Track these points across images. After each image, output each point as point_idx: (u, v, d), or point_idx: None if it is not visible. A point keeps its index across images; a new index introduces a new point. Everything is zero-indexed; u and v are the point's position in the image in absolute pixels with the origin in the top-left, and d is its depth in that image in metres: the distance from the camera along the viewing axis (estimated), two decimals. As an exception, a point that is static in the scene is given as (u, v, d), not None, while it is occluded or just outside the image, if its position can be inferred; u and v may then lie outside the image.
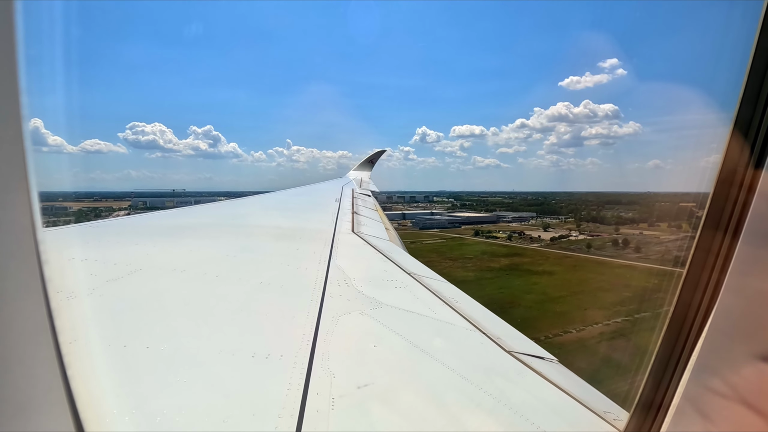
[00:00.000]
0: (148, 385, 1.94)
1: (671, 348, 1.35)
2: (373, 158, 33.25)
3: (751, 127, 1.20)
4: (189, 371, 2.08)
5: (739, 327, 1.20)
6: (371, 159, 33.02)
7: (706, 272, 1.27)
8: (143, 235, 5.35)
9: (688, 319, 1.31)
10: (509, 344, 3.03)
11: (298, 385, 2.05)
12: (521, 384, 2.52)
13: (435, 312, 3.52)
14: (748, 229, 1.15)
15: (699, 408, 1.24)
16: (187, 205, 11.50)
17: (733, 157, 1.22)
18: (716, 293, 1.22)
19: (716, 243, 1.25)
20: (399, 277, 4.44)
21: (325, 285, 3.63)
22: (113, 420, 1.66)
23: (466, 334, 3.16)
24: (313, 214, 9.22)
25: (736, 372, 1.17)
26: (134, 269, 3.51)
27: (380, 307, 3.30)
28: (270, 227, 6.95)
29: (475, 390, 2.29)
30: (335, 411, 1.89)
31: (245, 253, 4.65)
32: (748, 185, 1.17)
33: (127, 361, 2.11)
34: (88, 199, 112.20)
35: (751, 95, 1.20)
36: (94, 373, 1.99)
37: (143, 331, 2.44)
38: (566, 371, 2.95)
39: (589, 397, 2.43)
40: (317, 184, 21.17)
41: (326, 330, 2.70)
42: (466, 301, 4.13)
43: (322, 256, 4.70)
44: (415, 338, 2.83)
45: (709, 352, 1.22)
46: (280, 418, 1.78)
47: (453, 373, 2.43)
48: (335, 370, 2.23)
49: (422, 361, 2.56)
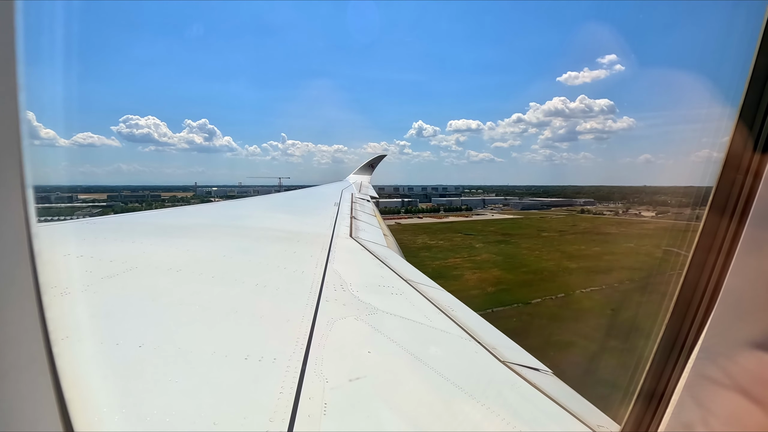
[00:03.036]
0: (140, 385, 1.92)
1: (675, 336, 1.35)
2: (374, 162, 33.35)
3: (757, 114, 1.22)
4: (181, 371, 2.06)
5: (743, 316, 1.20)
6: (371, 163, 33.12)
7: (711, 258, 1.27)
8: (140, 233, 5.33)
9: (691, 307, 1.31)
10: (504, 354, 3.02)
11: (290, 389, 2.03)
12: (515, 395, 2.50)
13: (430, 319, 3.50)
14: (755, 213, 1.16)
15: (702, 395, 1.24)
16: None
17: (739, 143, 1.24)
18: (721, 279, 1.23)
19: (722, 228, 1.26)
20: (395, 283, 4.43)
21: (321, 289, 3.62)
22: (102, 419, 1.65)
23: (461, 343, 3.15)
24: (312, 217, 9.21)
25: (739, 360, 1.17)
26: (130, 267, 3.49)
27: (376, 313, 3.29)
28: (268, 229, 6.94)
29: (469, 399, 2.28)
30: (327, 416, 1.88)
31: (242, 255, 4.64)
32: (755, 171, 1.19)
33: (119, 359, 2.10)
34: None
35: (758, 84, 1.22)
36: (85, 372, 1.97)
37: (137, 330, 2.42)
38: (560, 383, 2.94)
39: (583, 410, 2.42)
40: (317, 188, 21.19)
41: (321, 334, 2.69)
42: (461, 309, 4.13)
43: (319, 260, 4.69)
44: (410, 345, 2.82)
45: (713, 338, 1.22)
46: (271, 422, 1.77)
47: (446, 381, 2.42)
48: (328, 375, 2.21)
49: (416, 368, 2.54)
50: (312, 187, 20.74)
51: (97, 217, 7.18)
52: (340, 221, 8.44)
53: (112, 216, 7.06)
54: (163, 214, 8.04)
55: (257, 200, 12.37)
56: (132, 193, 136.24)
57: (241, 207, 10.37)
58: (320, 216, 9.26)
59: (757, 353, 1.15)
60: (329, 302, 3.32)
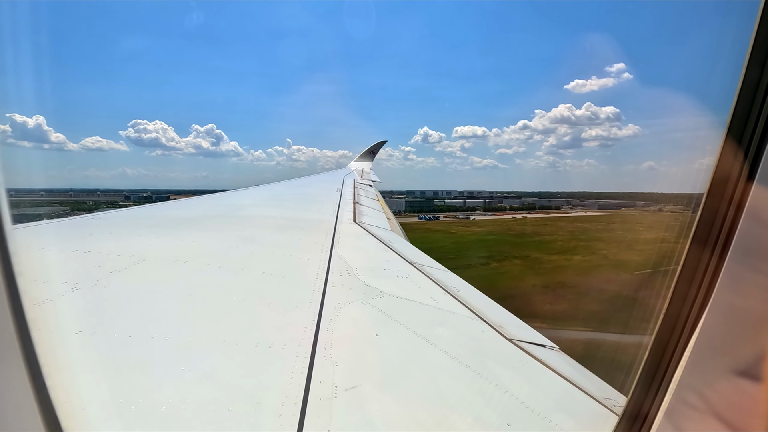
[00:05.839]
0: (155, 375, 1.97)
1: (658, 360, 1.35)
2: (374, 149, 33.05)
3: (742, 141, 1.18)
4: (193, 361, 2.10)
5: (724, 344, 1.20)
6: (372, 150, 32.83)
7: (693, 288, 1.26)
8: (145, 226, 5.37)
9: (674, 333, 1.31)
10: (510, 332, 3.05)
11: (301, 373, 2.07)
12: (522, 371, 2.54)
13: (436, 301, 3.53)
14: (736, 247, 1.14)
15: (683, 420, 1.25)
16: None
17: (723, 172, 1.20)
18: (702, 308, 1.22)
19: (704, 260, 1.24)
20: (400, 266, 4.45)
21: (327, 275, 3.65)
22: (121, 408, 1.69)
23: (467, 323, 3.19)
24: (315, 204, 9.22)
25: (720, 386, 1.18)
26: (137, 260, 3.53)
27: (382, 297, 3.32)
28: (272, 218, 6.96)
29: (476, 377, 2.32)
30: (338, 399, 1.92)
31: (248, 244, 4.66)
32: (738, 201, 1.16)
33: (133, 351, 2.14)
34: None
35: (745, 106, 1.18)
36: (102, 364, 2.02)
37: (148, 322, 2.47)
38: (567, 358, 2.97)
39: (590, 384, 2.46)
40: (319, 175, 21.12)
41: (329, 319, 2.73)
42: (467, 289, 4.15)
43: (324, 246, 4.72)
44: (417, 327, 2.85)
45: (694, 366, 1.22)
46: (283, 407, 1.81)
47: (454, 361, 2.46)
48: (338, 359, 2.25)
49: (424, 349, 2.58)
50: (314, 175, 20.67)
51: (102, 212, 7.23)
52: (343, 207, 8.44)
53: (117, 210, 7.10)
54: (168, 206, 8.08)
55: (260, 189, 12.37)
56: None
57: (244, 196, 10.39)
58: (323, 203, 9.26)
59: (735, 381, 1.15)
60: (336, 287, 3.35)
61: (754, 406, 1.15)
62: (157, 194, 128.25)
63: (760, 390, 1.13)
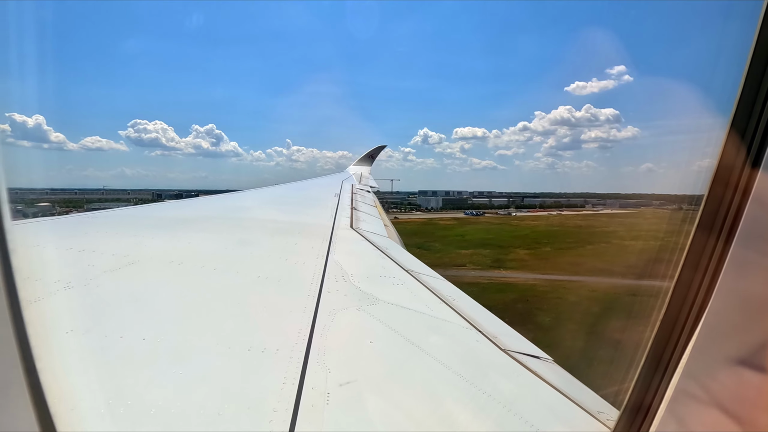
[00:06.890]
0: (145, 377, 1.95)
1: (661, 350, 1.35)
2: (373, 153, 33.13)
3: (747, 129, 1.20)
4: (184, 364, 2.08)
5: (729, 332, 1.20)
6: (371, 154, 32.91)
7: (699, 275, 1.27)
8: (141, 227, 5.35)
9: (679, 321, 1.31)
10: (505, 343, 3.04)
11: (293, 379, 2.05)
12: (516, 382, 2.53)
13: (432, 309, 3.53)
14: (742, 233, 1.15)
15: (686, 410, 1.25)
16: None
17: (728, 159, 1.22)
18: (708, 295, 1.22)
19: (709, 246, 1.25)
20: (397, 273, 4.44)
21: (322, 280, 3.63)
22: (109, 410, 1.67)
23: (462, 332, 3.18)
24: (312, 209, 9.21)
25: (725, 376, 1.18)
26: (131, 261, 3.51)
27: (377, 304, 3.31)
28: (269, 221, 6.94)
29: (470, 387, 2.30)
30: (330, 406, 1.90)
31: (243, 247, 4.65)
32: (743, 188, 1.17)
33: (123, 352, 2.12)
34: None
35: (749, 96, 1.20)
36: (91, 364, 2.00)
37: (140, 323, 2.44)
38: (561, 371, 2.96)
39: (583, 397, 2.45)
40: (317, 179, 21.13)
41: (323, 325, 2.71)
42: (463, 299, 4.14)
43: (320, 252, 4.71)
44: (412, 335, 2.84)
45: (698, 355, 1.23)
46: (275, 412, 1.79)
47: (448, 369, 2.45)
48: (331, 365, 2.23)
49: (418, 357, 2.57)
50: (312, 179, 20.69)
51: (98, 211, 7.19)
52: (340, 212, 8.43)
53: (113, 210, 7.07)
54: (164, 206, 8.05)
55: (258, 192, 12.35)
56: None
57: (242, 199, 10.37)
58: (321, 207, 9.25)
59: (740, 371, 1.15)
60: (331, 293, 3.34)
61: (759, 395, 1.15)
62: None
63: (765, 379, 1.13)
